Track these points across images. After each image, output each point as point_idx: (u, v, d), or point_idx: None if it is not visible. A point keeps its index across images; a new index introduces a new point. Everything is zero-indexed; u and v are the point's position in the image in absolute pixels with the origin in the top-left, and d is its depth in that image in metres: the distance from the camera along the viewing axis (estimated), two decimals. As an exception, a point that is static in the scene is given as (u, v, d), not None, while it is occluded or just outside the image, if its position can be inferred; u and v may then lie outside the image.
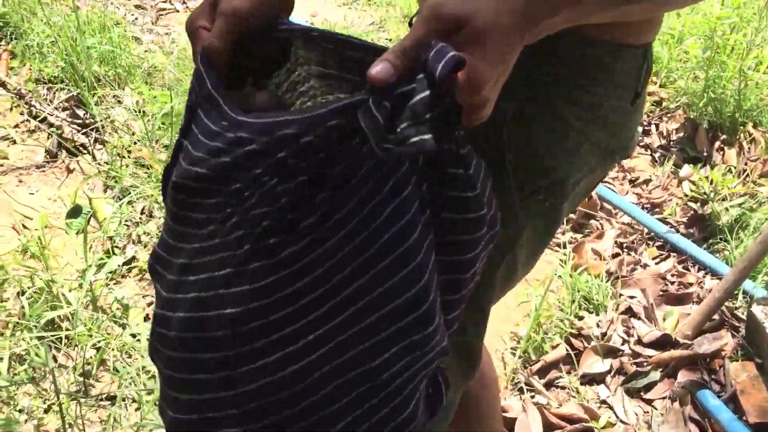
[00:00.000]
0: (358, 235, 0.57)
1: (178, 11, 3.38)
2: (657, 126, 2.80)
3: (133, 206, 2.10)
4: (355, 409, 0.60)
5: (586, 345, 1.83)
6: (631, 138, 0.85)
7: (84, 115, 2.45)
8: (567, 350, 1.80)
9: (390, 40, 3.35)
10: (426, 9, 0.56)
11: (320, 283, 0.57)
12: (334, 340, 0.58)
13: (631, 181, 2.53)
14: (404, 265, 0.59)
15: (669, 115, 2.84)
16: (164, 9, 3.36)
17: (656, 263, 2.10)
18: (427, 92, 0.52)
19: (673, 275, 2.06)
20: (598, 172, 0.86)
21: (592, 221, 2.28)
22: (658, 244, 2.18)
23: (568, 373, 1.79)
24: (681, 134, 2.71)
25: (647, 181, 2.53)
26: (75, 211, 2.12)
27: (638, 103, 0.82)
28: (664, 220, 2.25)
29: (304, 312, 0.58)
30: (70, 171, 2.32)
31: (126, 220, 2.07)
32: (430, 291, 0.60)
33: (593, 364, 1.79)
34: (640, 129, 0.88)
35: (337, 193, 0.56)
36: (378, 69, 0.53)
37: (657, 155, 2.69)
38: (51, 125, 2.42)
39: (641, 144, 2.75)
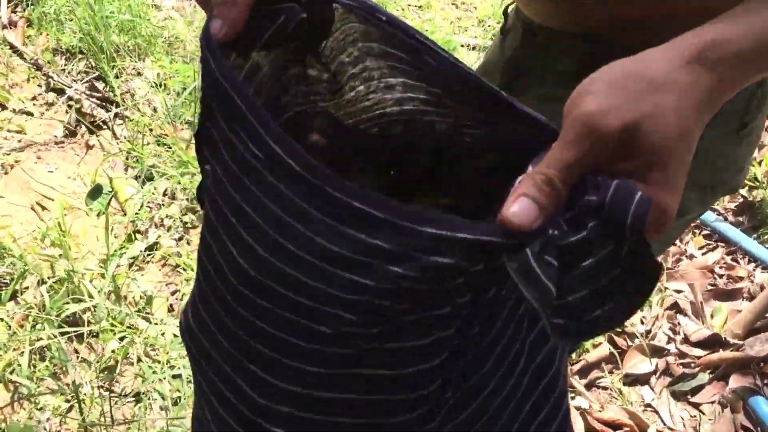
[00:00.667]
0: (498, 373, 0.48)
1: (199, -25, 3.25)
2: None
3: (155, 187, 2.02)
4: None
5: (630, 343, 1.74)
6: (738, 172, 0.75)
7: (103, 88, 2.36)
8: (610, 349, 1.71)
9: (431, 20, 3.19)
10: (577, 120, 0.40)
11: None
12: None
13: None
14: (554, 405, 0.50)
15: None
16: (185, -28, 3.22)
17: (703, 254, 2.00)
18: (610, 248, 0.38)
19: (721, 267, 1.95)
20: (696, 209, 0.76)
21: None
22: (705, 233, 2.07)
23: (611, 373, 1.70)
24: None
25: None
26: (95, 191, 2.05)
27: (745, 133, 0.72)
28: (711, 207, 2.13)
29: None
30: (89, 147, 2.23)
31: (148, 203, 1.99)
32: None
33: (637, 364, 1.70)
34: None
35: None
36: (515, 210, 0.38)
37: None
38: (70, 98, 2.33)
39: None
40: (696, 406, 1.63)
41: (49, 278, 1.67)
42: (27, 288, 1.69)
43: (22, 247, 1.75)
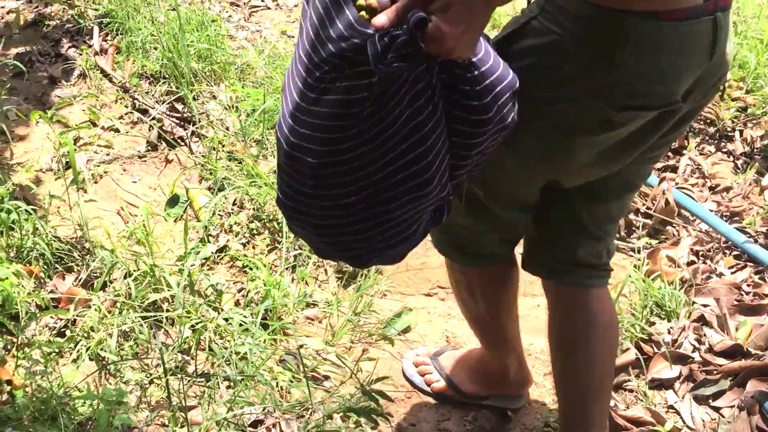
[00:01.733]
0: (396, 122, 0.96)
1: (269, 8, 3.52)
2: (741, 132, 2.77)
3: (225, 198, 2.25)
4: (381, 229, 1.05)
5: (656, 351, 1.87)
6: (615, 91, 1.06)
7: (182, 109, 2.62)
8: (636, 355, 1.85)
9: None
10: None
11: (383, 148, 0.98)
12: (377, 187, 1.00)
13: (711, 188, 2.52)
14: (418, 145, 0.98)
15: (754, 121, 2.80)
16: (256, 6, 3.50)
17: (732, 273, 2.11)
18: (405, 38, 0.84)
19: (748, 285, 2.06)
20: (578, 113, 1.10)
21: (669, 228, 2.30)
22: (735, 253, 2.18)
23: (637, 377, 1.83)
24: (766, 141, 2.68)
25: (728, 189, 2.51)
26: (173, 200, 2.29)
27: (617, 61, 1.02)
28: (742, 230, 2.25)
29: (377, 154, 0.99)
30: (168, 161, 2.49)
31: (219, 211, 2.22)
32: (433, 166, 0.99)
33: (662, 369, 1.83)
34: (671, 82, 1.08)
35: (383, 94, 0.94)
36: (381, 20, 0.86)
37: (740, 162, 2.67)
38: (152, 118, 2.60)
39: (723, 150, 2.73)
40: (716, 409, 1.75)
41: (134, 271, 1.90)
42: (116, 279, 1.93)
43: (113, 244, 1.99)
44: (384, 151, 0.97)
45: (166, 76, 2.70)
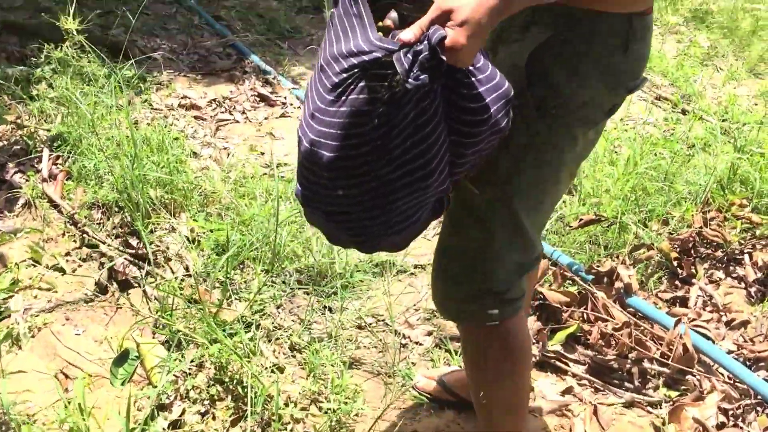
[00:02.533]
0: (402, 121, 1.05)
1: (238, 122, 3.31)
2: (750, 255, 2.55)
3: (182, 355, 1.95)
4: (386, 218, 1.14)
5: None
6: (633, 79, 1.25)
7: (137, 244, 2.34)
8: None
9: None
10: (435, 2, 0.99)
11: (390, 145, 1.07)
12: (384, 179, 1.10)
13: (727, 324, 2.27)
14: (422, 142, 1.07)
15: (763, 242, 2.59)
16: (224, 120, 3.30)
17: (767, 434, 1.84)
18: (427, 53, 0.96)
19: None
20: (605, 99, 1.24)
21: (689, 377, 2.03)
22: (768, 410, 1.91)
23: None
24: (779, 267, 2.46)
25: (745, 323, 2.27)
26: (122, 358, 1.98)
27: (630, 52, 1.20)
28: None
29: (384, 151, 1.08)
30: (119, 307, 2.19)
31: (174, 371, 1.91)
32: (434, 161, 1.09)
33: None
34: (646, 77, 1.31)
35: (396, 98, 1.02)
36: (407, 35, 0.99)
37: (753, 290, 2.44)
38: (103, 254, 2.32)
39: (734, 275, 2.51)
40: None
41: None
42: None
43: (43, 427, 1.67)
44: (392, 147, 1.08)
45: (121, 206, 2.43)
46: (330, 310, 2.21)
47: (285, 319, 2.15)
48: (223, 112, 3.36)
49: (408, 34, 1.00)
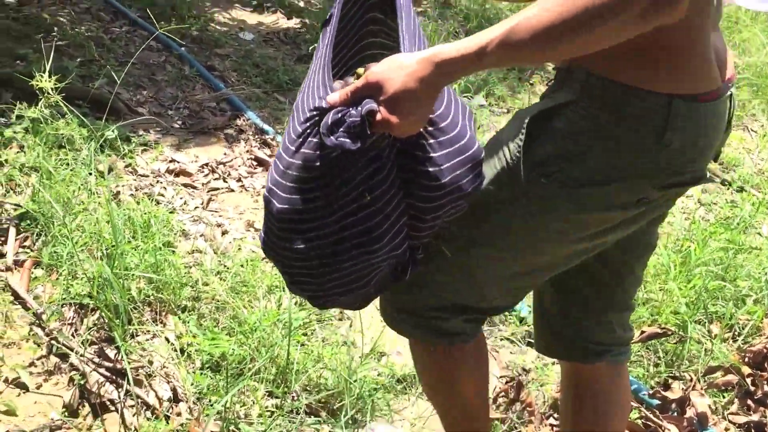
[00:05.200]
0: (350, 181, 1.05)
1: (233, 191, 2.96)
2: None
3: None
4: (332, 276, 1.11)
5: None
6: (661, 171, 1.09)
7: (115, 356, 1.96)
8: None
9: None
10: (368, 72, 1.01)
11: (340, 215, 1.07)
12: (333, 237, 1.08)
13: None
14: (368, 206, 1.06)
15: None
16: (217, 189, 2.94)
17: None
18: (355, 119, 0.97)
19: None
20: (621, 192, 1.10)
21: None
22: None
23: None
24: None
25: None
26: None
27: (665, 142, 1.06)
28: None
29: (329, 210, 1.07)
30: (91, 438, 1.81)
31: None
32: (382, 226, 1.07)
33: None
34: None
35: (344, 155, 1.01)
36: (333, 98, 1.02)
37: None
38: (73, 367, 1.94)
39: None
40: None
41: None
42: None
43: None
44: (337, 207, 1.05)
45: (97, 304, 2.05)
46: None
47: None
48: (216, 179, 3.00)
49: (334, 96, 1.02)
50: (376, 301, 1.33)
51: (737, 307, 2.26)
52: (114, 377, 1.91)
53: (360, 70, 1.09)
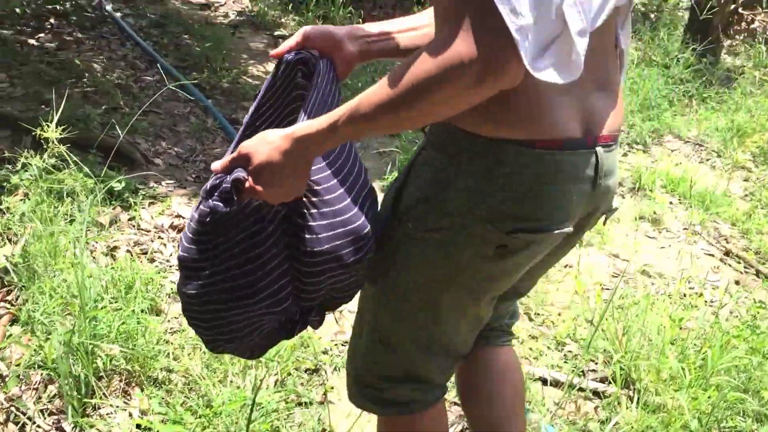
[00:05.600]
0: (238, 248, 1.12)
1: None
2: None
3: None
4: (216, 323, 1.17)
5: None
6: (506, 216, 1.08)
7: (72, 429, 1.85)
8: None
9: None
10: (241, 146, 1.07)
11: (225, 267, 1.13)
12: (220, 285, 1.13)
13: None
14: (247, 263, 1.12)
15: None
16: (218, 249, 2.84)
17: None
18: (227, 185, 1.05)
19: None
20: (472, 230, 1.10)
21: None
22: None
23: None
24: None
25: None
26: None
27: (498, 185, 1.07)
28: None
29: (218, 261, 1.12)
30: None
31: None
32: (260, 282, 1.14)
33: None
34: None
35: (227, 220, 1.10)
36: (216, 165, 1.09)
37: None
38: (29, 440, 1.83)
39: None
40: None
41: None
42: None
43: None
44: (225, 258, 1.12)
45: (57, 375, 1.94)
46: None
47: None
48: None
49: (216, 164, 1.09)
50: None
51: (760, 422, 2.03)
52: (67, 456, 1.79)
53: None
